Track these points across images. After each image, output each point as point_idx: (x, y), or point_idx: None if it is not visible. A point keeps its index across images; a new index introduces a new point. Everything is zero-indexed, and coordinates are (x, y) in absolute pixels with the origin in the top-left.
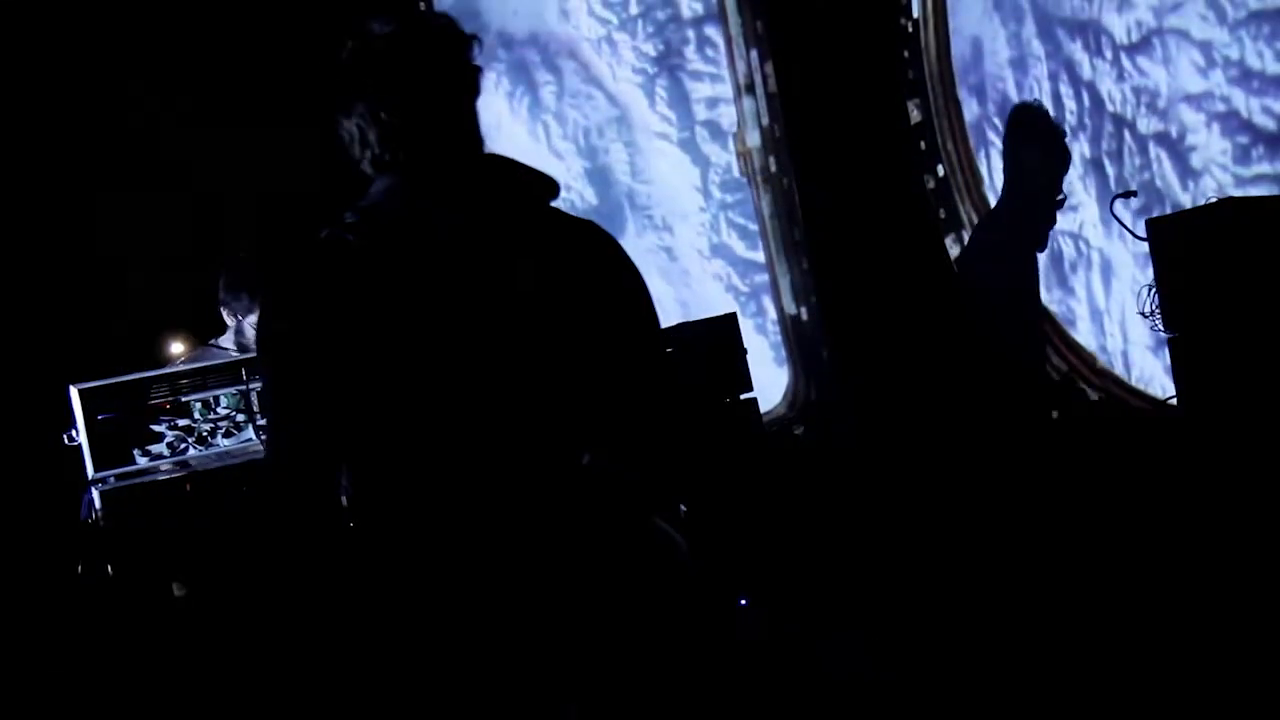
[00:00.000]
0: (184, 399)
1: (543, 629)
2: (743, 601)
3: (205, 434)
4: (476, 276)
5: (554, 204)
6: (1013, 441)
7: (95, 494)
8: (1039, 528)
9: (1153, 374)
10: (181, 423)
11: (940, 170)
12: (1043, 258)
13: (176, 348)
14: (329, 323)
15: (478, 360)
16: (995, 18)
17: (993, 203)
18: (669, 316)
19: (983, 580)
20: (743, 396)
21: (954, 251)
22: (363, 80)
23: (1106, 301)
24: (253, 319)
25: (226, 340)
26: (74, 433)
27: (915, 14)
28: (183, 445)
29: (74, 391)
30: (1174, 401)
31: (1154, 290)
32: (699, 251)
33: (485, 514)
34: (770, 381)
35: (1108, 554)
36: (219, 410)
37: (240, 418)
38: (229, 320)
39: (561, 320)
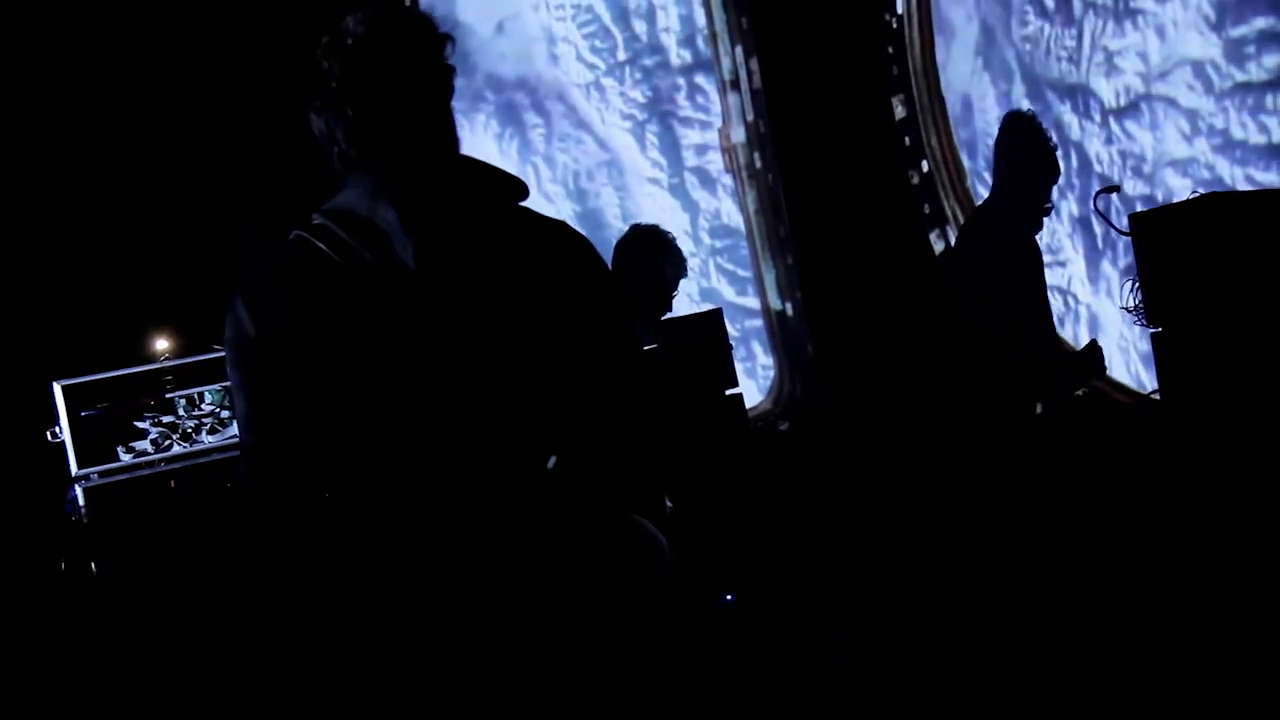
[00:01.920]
0: (167, 395)
1: (520, 631)
2: (729, 598)
3: (189, 430)
4: (447, 281)
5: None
6: (996, 435)
7: (79, 491)
8: (1024, 521)
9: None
10: (165, 419)
11: (925, 166)
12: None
13: (161, 344)
14: (298, 328)
15: (451, 365)
16: (985, 76)
17: (977, 200)
18: None
19: (969, 574)
20: (728, 392)
21: (938, 247)
22: (335, 76)
23: None
24: None
25: None
26: (57, 429)
27: (899, 10)
28: (166, 442)
29: (57, 388)
30: (1156, 396)
31: (1137, 284)
32: (689, 296)
33: (462, 516)
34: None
35: (1092, 547)
36: (203, 407)
37: (225, 414)
38: None
39: (536, 323)
